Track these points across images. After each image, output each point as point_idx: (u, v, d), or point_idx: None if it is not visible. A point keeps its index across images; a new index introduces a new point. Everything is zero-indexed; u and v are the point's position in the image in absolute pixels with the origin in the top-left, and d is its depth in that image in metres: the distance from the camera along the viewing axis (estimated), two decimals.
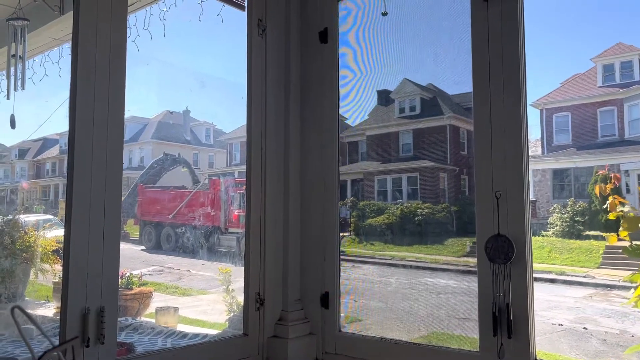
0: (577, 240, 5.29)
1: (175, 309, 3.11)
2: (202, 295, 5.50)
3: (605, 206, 1.96)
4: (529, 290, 1.88)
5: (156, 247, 7.32)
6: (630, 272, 2.02)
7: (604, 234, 1.91)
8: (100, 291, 1.79)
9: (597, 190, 1.98)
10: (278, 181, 2.40)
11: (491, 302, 1.91)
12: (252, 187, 2.32)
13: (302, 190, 2.45)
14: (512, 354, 1.86)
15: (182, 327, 2.96)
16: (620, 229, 1.92)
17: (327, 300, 2.35)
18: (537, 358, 1.86)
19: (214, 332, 3.09)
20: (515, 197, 1.90)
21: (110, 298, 1.82)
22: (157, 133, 8.31)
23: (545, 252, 5.42)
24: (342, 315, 2.40)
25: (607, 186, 1.94)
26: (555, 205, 5.95)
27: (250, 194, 2.31)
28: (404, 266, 6.49)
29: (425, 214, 6.28)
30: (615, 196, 1.93)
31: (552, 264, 5.30)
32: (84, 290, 1.75)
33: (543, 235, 5.85)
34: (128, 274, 3.53)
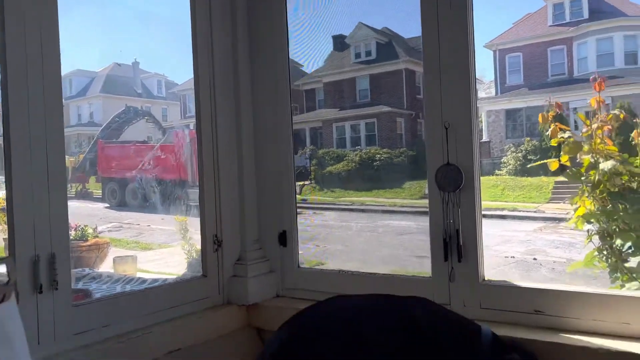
0: (529, 178, 5.46)
1: (134, 257, 3.09)
2: (163, 249, 5.48)
3: (547, 133, 2.03)
4: (477, 217, 1.95)
5: (121, 204, 7.15)
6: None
7: (547, 161, 2.00)
8: (50, 238, 1.75)
9: (540, 118, 2.04)
10: (230, 124, 2.36)
11: (442, 229, 1.97)
12: (203, 130, 2.28)
13: (255, 126, 2.43)
14: (461, 277, 1.95)
15: (141, 275, 2.96)
16: (562, 154, 2.00)
17: (285, 238, 2.38)
18: (485, 279, 1.95)
19: (173, 277, 3.11)
20: (463, 128, 1.94)
21: (61, 245, 1.79)
22: (106, 87, 7.99)
23: (499, 190, 5.58)
24: (303, 262, 2.44)
25: (549, 113, 1.99)
26: (508, 144, 6.09)
27: (201, 137, 2.27)
28: (364, 210, 6.60)
29: (384, 159, 6.32)
30: (556, 123, 1.99)
31: (505, 201, 5.47)
32: (31, 239, 1.71)
33: (497, 175, 6.00)
34: (82, 226, 3.46)
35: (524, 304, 1.84)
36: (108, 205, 7.20)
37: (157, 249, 5.66)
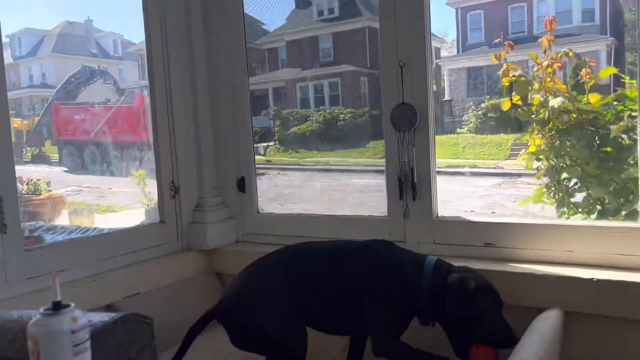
0: (489, 135, 5.55)
1: (90, 210, 3.02)
2: (125, 211, 5.39)
3: (499, 72, 2.06)
4: (431, 155, 1.98)
5: (80, 167, 6.94)
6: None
7: (499, 100, 2.03)
8: None
9: (493, 59, 2.07)
10: (184, 73, 2.30)
11: (397, 168, 2.00)
12: (156, 85, 2.22)
13: (210, 72, 2.38)
14: (416, 214, 1.99)
15: (99, 226, 2.91)
16: (513, 93, 2.04)
17: (244, 184, 2.37)
18: (439, 216, 2.00)
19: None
20: (418, 67, 1.95)
21: (8, 189, 1.75)
22: (58, 46, 7.63)
23: (460, 148, 5.67)
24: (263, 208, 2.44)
25: (502, 53, 2.02)
26: (469, 103, 6.15)
27: (154, 91, 2.22)
28: (328, 170, 6.61)
29: (348, 119, 6.30)
30: (508, 63, 2.03)
31: (466, 158, 5.57)
32: None
33: (458, 133, 6.08)
34: (35, 180, 3.36)
35: (476, 237, 1.90)
36: (66, 169, 6.99)
37: (119, 211, 5.57)
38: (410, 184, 1.98)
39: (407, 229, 2.01)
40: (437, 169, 2.03)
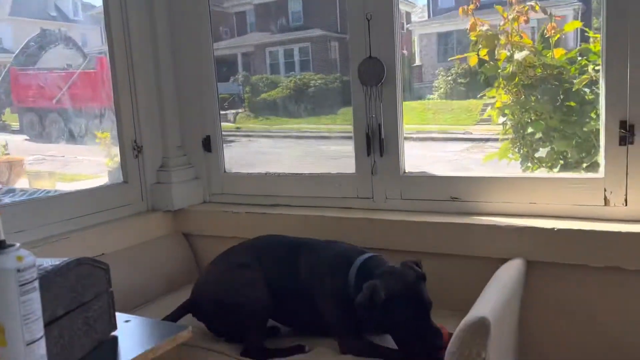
0: (459, 101, 5.55)
1: (51, 173, 2.92)
2: (91, 180, 5.26)
3: (466, 27, 2.05)
4: (399, 110, 1.97)
5: (42, 135, 6.69)
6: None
7: (466, 54, 2.03)
8: None
9: (460, 12, 2.05)
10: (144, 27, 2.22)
11: (364, 124, 1.99)
12: (115, 45, 2.13)
13: (173, 34, 2.30)
14: (383, 171, 1.99)
15: (60, 186, 2.83)
16: (480, 47, 2.03)
17: (210, 143, 2.33)
18: (406, 172, 2.00)
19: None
20: (385, 21, 1.91)
21: None
22: (15, 9, 7.30)
23: (431, 113, 5.67)
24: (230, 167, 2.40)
25: (469, 7, 2.01)
26: (440, 68, 6.14)
27: (113, 52, 2.13)
28: (300, 137, 6.57)
29: (319, 85, 6.23)
30: (475, 17, 2.01)
31: (436, 124, 5.58)
32: None
33: (429, 99, 6.07)
34: None
35: (442, 192, 1.91)
36: (28, 137, 6.75)
37: (85, 180, 5.43)
38: (377, 140, 1.97)
39: (374, 185, 2.01)
40: (407, 135, 2.02)
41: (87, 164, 6.11)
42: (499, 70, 2.02)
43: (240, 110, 6.95)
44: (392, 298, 1.39)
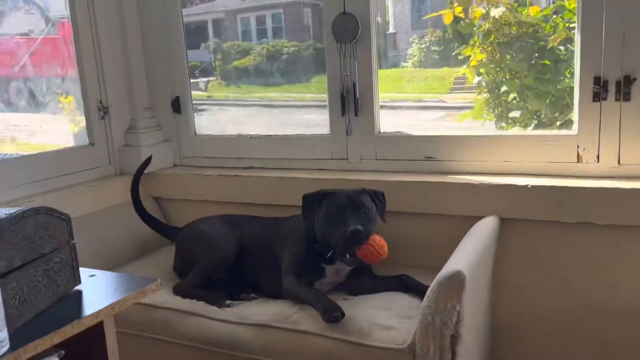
0: (432, 69, 5.52)
1: (13, 137, 2.79)
2: (58, 149, 5.09)
3: None
4: (374, 69, 1.93)
5: (5, 105, 6.44)
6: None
7: (441, 12, 2.00)
8: None
9: None
10: None
11: (339, 83, 1.95)
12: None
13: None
14: (358, 131, 1.96)
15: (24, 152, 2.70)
16: (456, 4, 1.99)
17: (179, 104, 2.25)
18: (381, 132, 1.98)
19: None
20: None
21: None
22: None
23: (405, 82, 5.63)
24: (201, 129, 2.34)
25: None
26: (414, 36, 6.07)
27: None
28: (273, 106, 6.47)
29: (292, 53, 6.10)
30: None
31: (411, 92, 5.55)
32: None
33: (403, 67, 6.02)
34: None
35: (416, 152, 1.89)
36: None
37: (51, 149, 5.26)
38: (352, 100, 1.93)
39: (349, 146, 1.98)
40: (381, 103, 1.99)
41: (53, 133, 5.94)
42: (475, 28, 1.99)
43: (211, 79, 6.80)
44: (333, 193, 1.55)
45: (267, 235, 1.74)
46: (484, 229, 1.59)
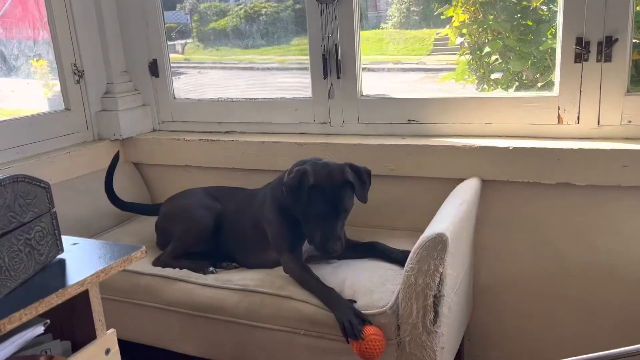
0: (412, 31, 5.45)
1: None
2: (32, 114, 4.95)
3: None
4: (356, 30, 1.90)
5: None
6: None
7: None
8: None
9: None
10: None
11: (320, 45, 1.91)
12: None
13: None
14: (340, 93, 1.94)
15: None
16: None
17: (157, 67, 2.20)
18: (363, 94, 1.96)
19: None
20: None
21: None
22: None
23: (384, 43, 5.56)
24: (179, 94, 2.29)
25: None
26: None
27: None
28: (253, 69, 6.34)
29: (270, 14, 5.95)
30: None
31: (390, 55, 5.48)
32: None
33: (382, 28, 5.93)
34: None
35: (399, 114, 1.89)
36: None
37: (25, 114, 5.11)
38: (334, 62, 1.90)
39: (331, 109, 1.97)
40: (363, 66, 1.96)
41: (26, 98, 5.76)
42: None
43: (189, 41, 6.64)
44: (317, 187, 1.43)
45: (245, 207, 1.72)
46: (466, 191, 1.61)
